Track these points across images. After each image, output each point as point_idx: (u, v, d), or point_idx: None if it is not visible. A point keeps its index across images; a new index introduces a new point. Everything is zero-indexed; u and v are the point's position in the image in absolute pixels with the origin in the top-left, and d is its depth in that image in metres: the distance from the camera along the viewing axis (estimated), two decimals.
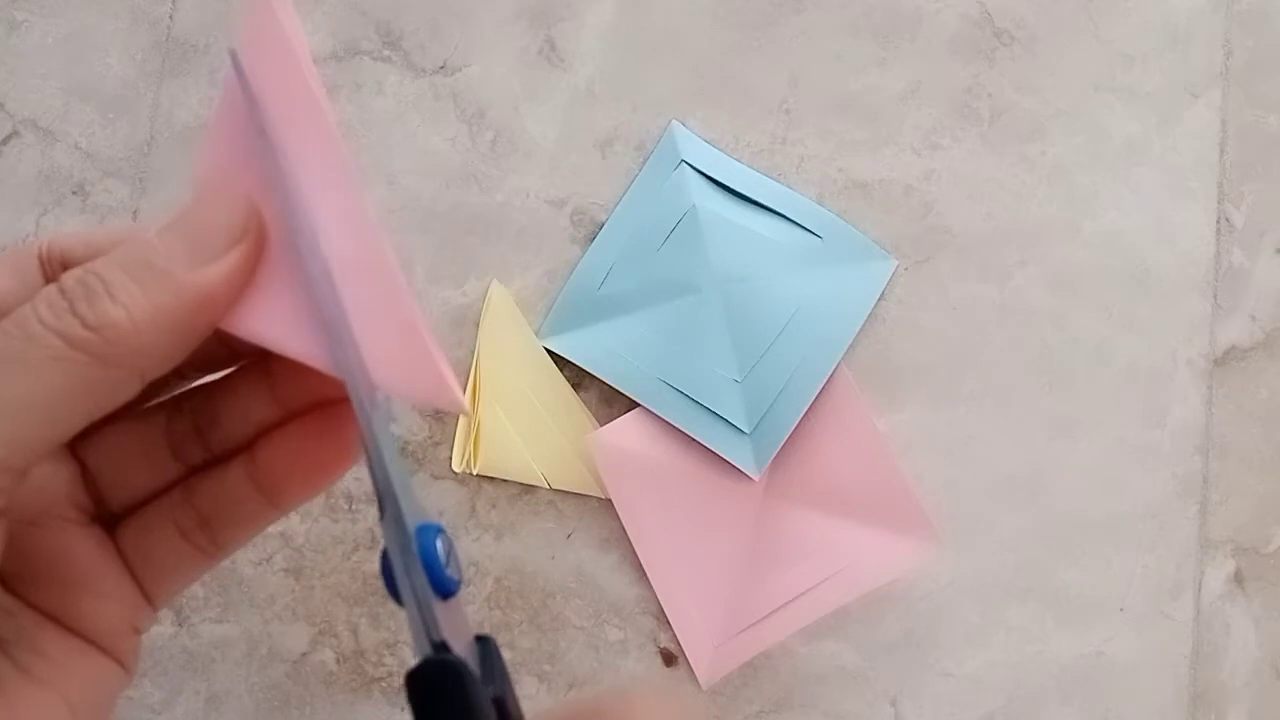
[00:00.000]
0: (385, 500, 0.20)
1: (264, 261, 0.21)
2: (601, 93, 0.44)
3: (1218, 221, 0.45)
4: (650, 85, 0.44)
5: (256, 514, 0.23)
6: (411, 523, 0.20)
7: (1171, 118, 0.45)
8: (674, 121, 0.44)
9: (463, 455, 0.42)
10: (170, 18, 0.44)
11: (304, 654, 0.42)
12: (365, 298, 0.20)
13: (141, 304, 0.19)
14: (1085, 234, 0.45)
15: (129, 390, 0.20)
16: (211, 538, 0.23)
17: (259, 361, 0.23)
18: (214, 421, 0.23)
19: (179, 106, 0.44)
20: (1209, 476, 0.44)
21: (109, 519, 0.23)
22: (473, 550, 0.42)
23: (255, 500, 0.23)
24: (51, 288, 0.19)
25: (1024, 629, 0.43)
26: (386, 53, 0.44)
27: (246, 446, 0.23)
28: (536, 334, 0.43)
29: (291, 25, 0.21)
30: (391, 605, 0.42)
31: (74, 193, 0.43)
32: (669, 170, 0.43)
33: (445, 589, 0.20)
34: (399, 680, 0.42)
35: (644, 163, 0.44)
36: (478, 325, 0.43)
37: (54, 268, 0.22)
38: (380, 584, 0.42)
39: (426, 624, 0.20)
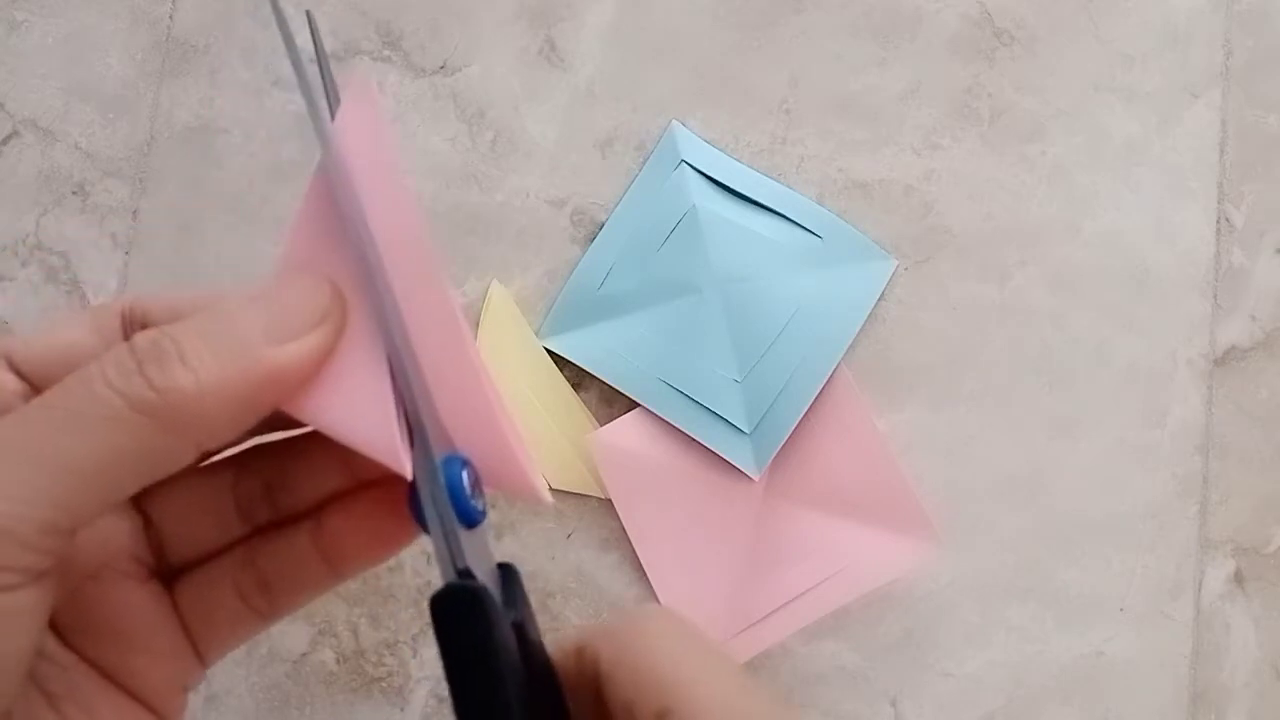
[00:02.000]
0: (414, 431, 0.21)
1: (336, 350, 0.21)
2: (601, 93, 0.44)
3: (1218, 221, 0.45)
4: (650, 85, 0.44)
5: (318, 580, 0.23)
6: (437, 453, 0.21)
7: (1171, 118, 0.45)
8: (674, 121, 0.44)
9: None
10: (170, 18, 0.44)
11: (304, 654, 0.42)
12: (449, 391, 0.21)
13: (211, 371, 0.19)
14: (1085, 234, 0.45)
15: (183, 459, 0.20)
16: (270, 600, 0.23)
17: None
18: (284, 484, 0.23)
19: (179, 106, 0.44)
20: (1209, 476, 0.44)
21: (167, 575, 0.23)
22: None
23: (318, 566, 0.23)
24: (122, 346, 0.19)
25: (1024, 629, 0.43)
26: (386, 53, 0.44)
27: (314, 511, 0.23)
28: (536, 334, 0.43)
29: (384, 113, 0.21)
30: (392, 605, 0.42)
31: (74, 193, 0.43)
32: (669, 170, 0.43)
33: (470, 518, 0.21)
34: (399, 680, 0.42)
35: (644, 163, 0.44)
36: (478, 325, 0.43)
37: (134, 328, 0.22)
38: (380, 583, 0.42)
39: (451, 551, 0.20)
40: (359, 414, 0.21)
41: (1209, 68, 0.46)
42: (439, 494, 0.20)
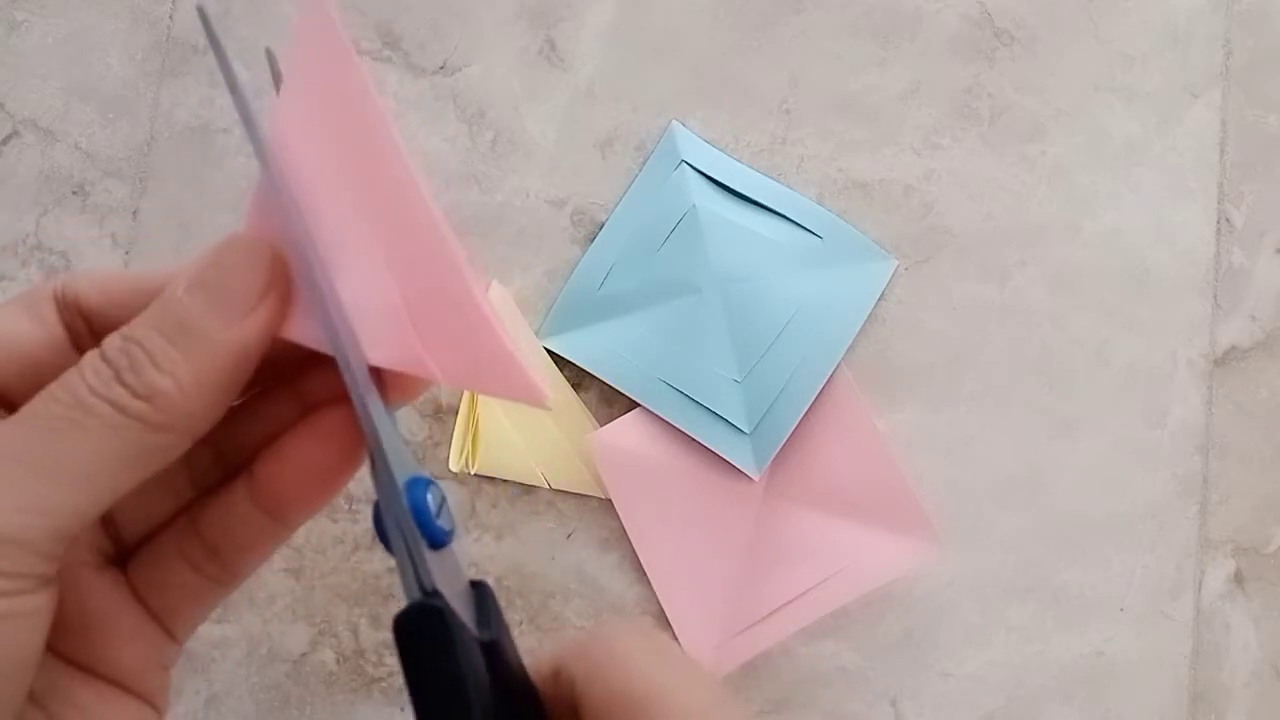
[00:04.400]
0: (374, 454, 0.20)
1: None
2: (601, 93, 0.44)
3: (1218, 221, 0.45)
4: (650, 85, 0.44)
5: (263, 535, 0.23)
6: (401, 475, 0.20)
7: (1171, 118, 0.45)
8: (674, 121, 0.44)
9: (460, 454, 0.42)
10: (170, 18, 0.44)
11: (304, 654, 0.42)
12: (425, 292, 0.20)
13: (185, 370, 0.19)
14: (1085, 234, 0.45)
15: (181, 449, 0.20)
16: (222, 565, 0.23)
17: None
18: (232, 439, 0.23)
19: (179, 106, 0.44)
20: (1209, 476, 0.44)
21: (121, 557, 0.23)
22: (473, 550, 0.42)
23: (260, 520, 0.23)
24: (94, 356, 0.20)
25: (1024, 629, 0.43)
26: (387, 53, 0.44)
27: (253, 457, 0.23)
28: (536, 334, 0.43)
29: (340, 27, 0.21)
30: (392, 605, 0.42)
31: (74, 193, 0.43)
32: (669, 170, 0.43)
33: (436, 538, 0.20)
34: (399, 680, 0.42)
35: (644, 163, 0.44)
36: None
37: (70, 313, 0.22)
38: (380, 583, 0.42)
39: (417, 570, 0.20)
40: (301, 312, 0.21)
41: (1209, 68, 0.46)
42: (402, 515, 0.20)
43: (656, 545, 0.42)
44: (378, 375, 0.21)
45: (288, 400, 0.23)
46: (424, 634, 0.20)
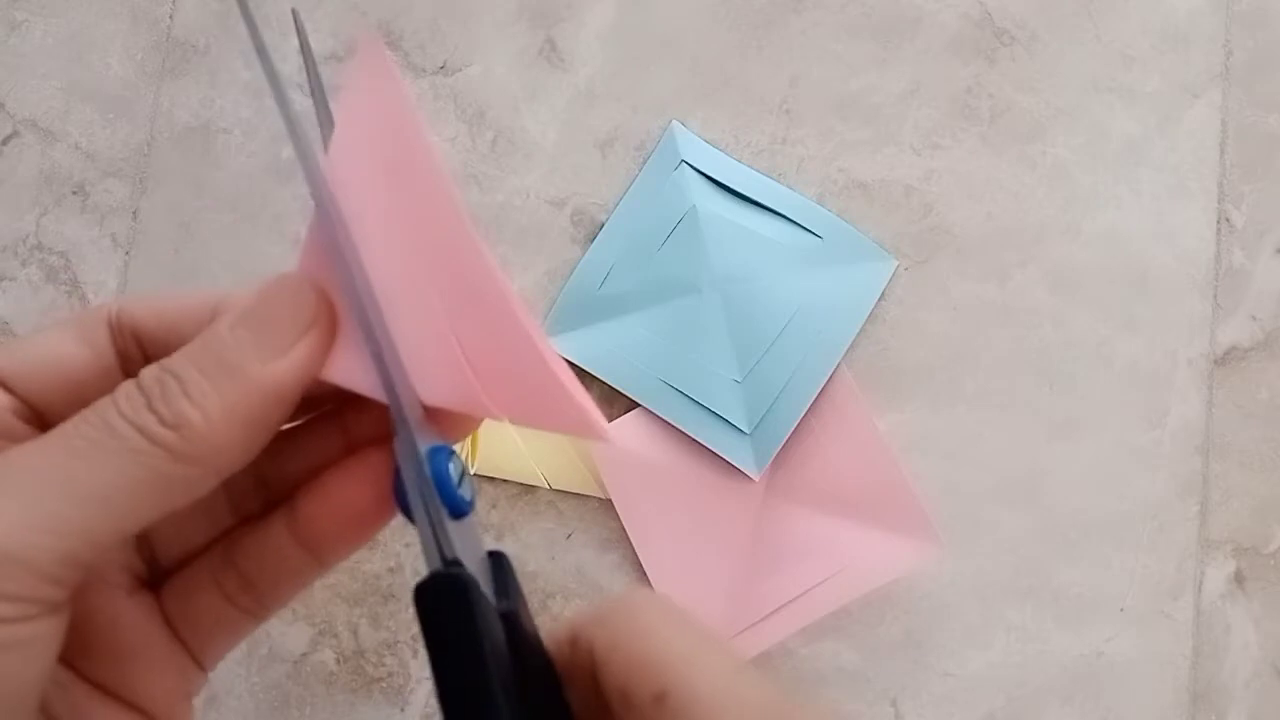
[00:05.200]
0: (398, 421, 0.21)
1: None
2: (601, 93, 0.44)
3: (1218, 221, 0.45)
4: (650, 85, 0.44)
5: (300, 570, 0.23)
6: (423, 444, 0.20)
7: (1171, 118, 0.45)
8: (674, 122, 0.44)
9: (459, 453, 0.42)
10: (170, 18, 0.44)
11: (304, 654, 0.42)
12: (480, 332, 0.21)
13: (215, 403, 0.19)
14: (1085, 234, 0.45)
15: (203, 487, 0.20)
16: (256, 598, 0.23)
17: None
18: (275, 467, 0.23)
19: (179, 106, 0.44)
20: (1209, 476, 0.44)
21: (153, 582, 0.23)
22: None
23: (298, 556, 0.23)
24: (130, 384, 0.20)
25: (1024, 629, 0.43)
26: (386, 53, 0.44)
27: (294, 487, 0.23)
28: None
29: (394, 69, 0.21)
30: (392, 605, 0.42)
31: (74, 193, 0.43)
32: (669, 170, 0.43)
33: (457, 508, 0.20)
34: (399, 680, 0.42)
35: (644, 163, 0.44)
36: None
37: (124, 337, 0.22)
38: (380, 583, 0.42)
39: (438, 540, 0.20)
40: (347, 357, 0.21)
41: (1209, 68, 0.46)
42: (424, 484, 0.20)
43: (656, 545, 0.42)
44: (429, 412, 0.21)
45: (333, 433, 0.23)
46: (445, 604, 0.20)
